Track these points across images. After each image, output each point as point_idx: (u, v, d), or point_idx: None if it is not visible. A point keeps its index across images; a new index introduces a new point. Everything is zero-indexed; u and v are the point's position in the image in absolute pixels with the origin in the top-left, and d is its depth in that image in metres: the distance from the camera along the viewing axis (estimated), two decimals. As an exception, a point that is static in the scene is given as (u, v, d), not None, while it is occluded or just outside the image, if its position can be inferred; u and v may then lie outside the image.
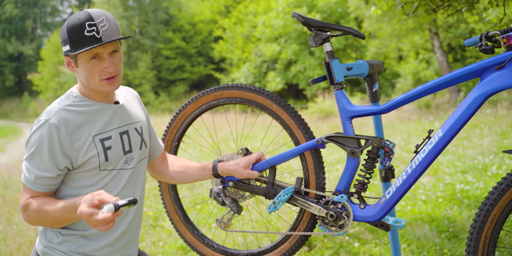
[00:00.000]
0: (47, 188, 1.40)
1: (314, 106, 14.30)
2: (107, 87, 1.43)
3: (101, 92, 1.47)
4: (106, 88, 1.43)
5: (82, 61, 1.38)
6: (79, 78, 1.46)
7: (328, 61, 1.67)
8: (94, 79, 1.40)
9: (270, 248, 1.83)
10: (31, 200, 1.38)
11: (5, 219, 4.01)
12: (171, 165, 1.79)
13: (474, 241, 1.45)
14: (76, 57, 1.39)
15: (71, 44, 1.36)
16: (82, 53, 1.37)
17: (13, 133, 17.14)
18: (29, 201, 1.38)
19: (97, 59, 1.39)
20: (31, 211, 1.37)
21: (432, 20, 12.35)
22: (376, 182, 4.67)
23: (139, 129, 1.59)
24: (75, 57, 1.39)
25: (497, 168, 4.84)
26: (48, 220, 1.38)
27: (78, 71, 1.42)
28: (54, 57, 26.81)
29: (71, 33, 1.36)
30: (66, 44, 1.38)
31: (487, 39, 1.51)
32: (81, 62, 1.39)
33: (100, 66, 1.39)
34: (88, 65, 1.38)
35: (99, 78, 1.40)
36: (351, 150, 1.60)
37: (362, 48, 20.76)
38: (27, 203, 1.38)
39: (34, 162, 1.37)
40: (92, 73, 1.39)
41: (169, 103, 24.58)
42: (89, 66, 1.38)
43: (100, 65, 1.39)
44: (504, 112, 9.28)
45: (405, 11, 3.31)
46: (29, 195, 1.39)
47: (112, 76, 1.42)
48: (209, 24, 27.85)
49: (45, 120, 1.37)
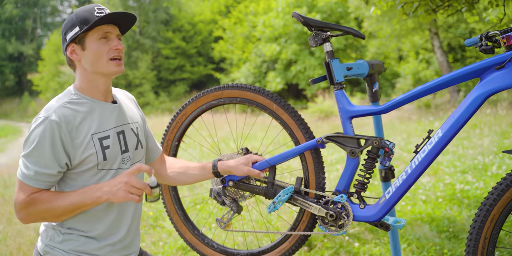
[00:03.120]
0: (46, 185, 1.38)
1: (314, 106, 14.30)
2: (115, 68, 1.46)
3: (100, 84, 1.47)
4: (115, 68, 1.46)
5: (92, 40, 1.42)
6: (82, 68, 1.46)
7: (328, 61, 1.67)
8: (102, 59, 1.43)
9: (270, 248, 1.83)
10: (34, 195, 1.36)
11: (5, 219, 4.01)
12: (170, 166, 1.78)
13: (474, 241, 1.45)
14: (84, 39, 1.42)
15: (81, 24, 1.40)
16: (92, 32, 1.41)
17: (13, 133, 17.14)
18: (32, 197, 1.36)
19: (106, 39, 1.44)
20: (38, 204, 1.35)
21: (432, 20, 12.35)
22: (376, 182, 4.67)
23: (135, 130, 1.59)
24: (83, 38, 1.42)
25: (497, 168, 4.84)
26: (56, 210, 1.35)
27: (85, 56, 1.43)
28: (54, 57, 26.82)
29: (80, 15, 1.42)
30: (74, 28, 1.41)
31: (487, 39, 1.51)
32: (90, 42, 1.42)
33: (109, 45, 1.44)
34: (97, 43, 1.42)
35: (107, 57, 1.43)
36: (351, 150, 1.60)
37: (362, 48, 20.77)
38: (29, 199, 1.36)
39: (34, 159, 1.36)
40: (101, 53, 1.42)
41: (169, 103, 24.59)
42: (98, 45, 1.42)
43: (109, 44, 1.44)
44: (504, 112, 9.28)
45: (405, 11, 3.31)
46: (29, 192, 1.37)
47: (119, 57, 1.46)
48: (209, 24, 27.86)
49: (45, 117, 1.36)
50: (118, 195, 1.32)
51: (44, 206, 1.36)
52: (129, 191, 1.32)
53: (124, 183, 1.33)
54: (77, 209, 1.38)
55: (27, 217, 1.38)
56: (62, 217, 1.41)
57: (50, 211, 1.36)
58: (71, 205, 1.36)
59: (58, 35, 28.38)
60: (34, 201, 1.36)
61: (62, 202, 1.35)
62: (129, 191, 1.32)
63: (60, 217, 1.40)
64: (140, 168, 1.34)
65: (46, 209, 1.36)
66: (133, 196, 1.32)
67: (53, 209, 1.36)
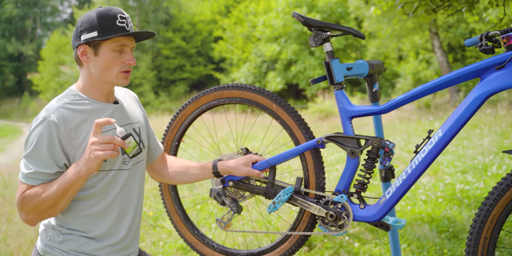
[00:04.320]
0: (41, 182, 1.38)
1: (314, 106, 14.30)
2: (123, 80, 1.46)
3: (105, 89, 1.48)
4: (122, 81, 1.46)
5: (106, 50, 1.41)
6: (88, 70, 1.45)
7: (328, 61, 1.67)
8: (113, 70, 1.43)
9: (270, 248, 1.83)
10: (26, 192, 1.36)
11: (6, 219, 4.01)
12: (171, 165, 1.79)
13: (474, 241, 1.45)
14: (99, 46, 1.41)
15: (101, 31, 1.39)
16: (109, 42, 1.41)
17: (13, 133, 17.13)
18: (24, 194, 1.35)
19: (120, 51, 1.43)
20: (31, 199, 1.34)
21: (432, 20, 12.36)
22: (376, 182, 4.67)
23: (137, 130, 1.59)
24: (98, 45, 1.41)
25: (497, 168, 4.84)
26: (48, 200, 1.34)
27: (95, 61, 1.43)
28: (54, 57, 26.82)
29: (102, 20, 1.40)
30: (93, 31, 1.39)
31: (487, 39, 1.51)
32: (104, 51, 1.41)
33: (122, 58, 1.44)
34: (111, 54, 1.42)
35: (119, 70, 1.43)
36: (351, 150, 1.60)
37: (362, 48, 20.77)
38: (22, 196, 1.35)
39: (33, 160, 1.36)
40: (113, 64, 1.42)
41: (169, 103, 24.59)
42: (112, 56, 1.42)
43: (122, 57, 1.44)
44: (504, 112, 9.28)
45: (405, 11, 3.31)
46: (24, 189, 1.37)
47: (129, 70, 1.47)
48: (209, 24, 27.87)
49: (44, 118, 1.37)
50: (92, 159, 1.29)
51: (36, 200, 1.34)
52: (99, 149, 1.29)
53: (90, 144, 1.30)
54: (66, 192, 1.34)
55: (28, 217, 1.38)
56: (57, 207, 1.37)
57: (43, 203, 1.34)
58: (58, 189, 1.33)
59: (58, 35, 28.34)
60: (26, 197, 1.36)
61: (50, 190, 1.34)
62: (100, 149, 1.29)
63: (55, 207, 1.36)
64: (98, 123, 1.31)
65: (39, 202, 1.34)
66: (105, 152, 1.29)
67: (45, 200, 1.34)
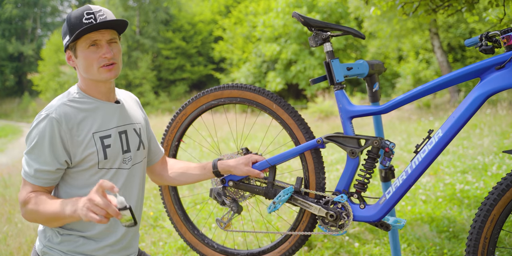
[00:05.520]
0: (46, 183, 1.39)
1: (314, 106, 14.31)
2: (106, 74, 1.43)
3: (101, 87, 1.48)
4: (105, 74, 1.43)
5: (81, 49, 1.41)
6: (79, 72, 1.47)
7: (328, 61, 1.67)
8: (93, 67, 1.42)
9: (270, 248, 1.83)
10: (31, 194, 1.37)
11: (6, 219, 4.01)
12: (171, 167, 1.79)
13: (474, 241, 1.45)
14: (75, 47, 1.41)
15: (70, 33, 1.40)
16: (81, 41, 1.40)
17: (13, 133, 17.14)
18: (28, 196, 1.37)
19: (95, 46, 1.41)
20: (29, 206, 1.36)
21: (432, 20, 12.36)
22: (376, 182, 4.67)
23: (137, 130, 1.59)
24: (74, 47, 1.42)
25: (497, 168, 4.84)
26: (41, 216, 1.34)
27: (78, 63, 1.44)
28: (54, 57, 26.83)
29: (70, 22, 1.41)
30: (67, 35, 1.42)
31: (487, 39, 1.51)
32: (80, 51, 1.41)
33: (98, 53, 1.41)
34: (86, 52, 1.41)
35: (98, 65, 1.42)
36: (351, 150, 1.60)
37: (362, 48, 20.77)
38: (27, 197, 1.37)
39: (34, 156, 1.37)
40: (91, 61, 1.41)
41: (169, 103, 24.60)
42: (87, 54, 1.41)
43: (98, 52, 1.42)
44: (504, 112, 9.28)
45: (405, 11, 3.31)
46: (29, 190, 1.38)
47: (110, 63, 1.43)
48: (209, 24, 27.86)
49: (46, 115, 1.38)
50: (83, 214, 1.17)
51: (33, 208, 1.35)
52: (91, 209, 1.15)
53: (87, 200, 1.17)
54: (58, 220, 1.32)
55: (25, 215, 1.39)
56: (50, 223, 1.36)
57: (37, 214, 1.35)
58: (52, 214, 1.31)
59: (58, 35, 28.39)
60: (29, 200, 1.37)
61: (46, 208, 1.32)
62: (91, 209, 1.15)
63: (48, 222, 1.36)
64: (102, 185, 1.15)
65: (35, 211, 1.35)
66: (93, 215, 1.14)
67: (39, 213, 1.34)
